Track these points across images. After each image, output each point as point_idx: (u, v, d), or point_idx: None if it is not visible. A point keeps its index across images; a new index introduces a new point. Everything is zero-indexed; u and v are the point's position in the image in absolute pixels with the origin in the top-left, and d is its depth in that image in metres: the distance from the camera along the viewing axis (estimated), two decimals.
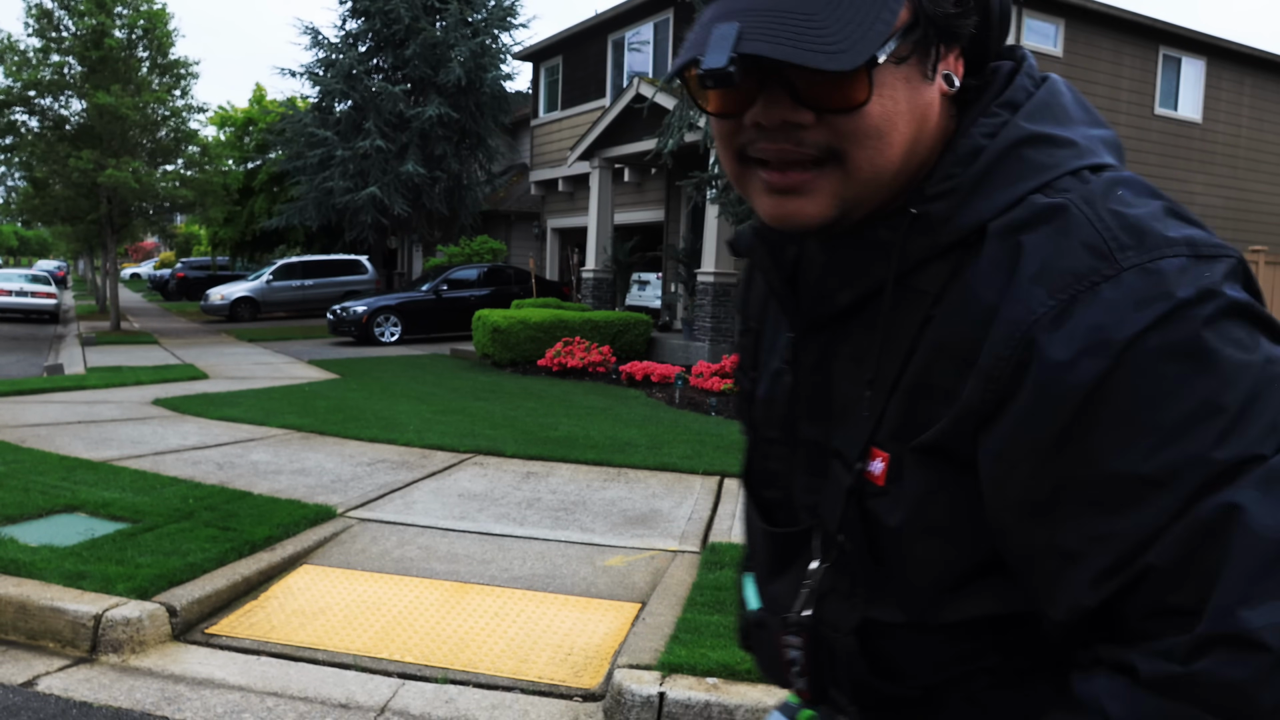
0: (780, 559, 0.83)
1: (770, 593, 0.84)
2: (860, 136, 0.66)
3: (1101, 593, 0.59)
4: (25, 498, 4.67)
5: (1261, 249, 11.34)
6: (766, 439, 0.85)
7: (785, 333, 0.83)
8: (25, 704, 2.86)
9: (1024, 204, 0.66)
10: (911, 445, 0.68)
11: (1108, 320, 0.58)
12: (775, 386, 0.84)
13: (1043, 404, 0.60)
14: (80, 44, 17.04)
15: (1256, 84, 17.93)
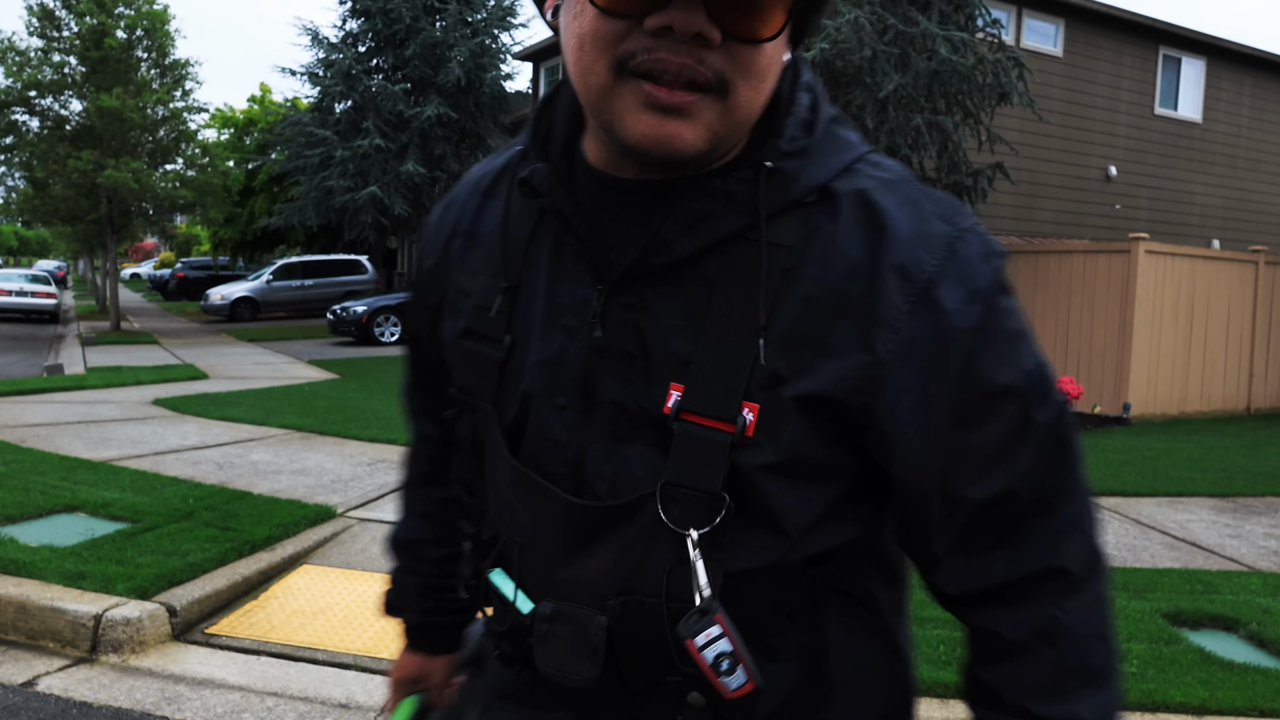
0: (582, 539, 0.73)
1: (568, 575, 0.74)
2: (751, 73, 0.67)
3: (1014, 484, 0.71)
4: (25, 498, 4.67)
5: (1261, 249, 11.33)
6: (555, 406, 0.75)
7: (580, 288, 0.75)
8: (25, 704, 2.87)
9: (858, 173, 0.73)
10: (792, 395, 0.69)
11: (972, 273, 0.71)
12: (567, 347, 0.75)
13: (946, 344, 0.69)
14: (81, 44, 17.06)
15: (1256, 84, 17.91)
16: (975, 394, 0.69)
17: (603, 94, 0.67)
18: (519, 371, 0.78)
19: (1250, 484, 6.50)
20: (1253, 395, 11.43)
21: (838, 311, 0.69)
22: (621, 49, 0.65)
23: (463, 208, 0.88)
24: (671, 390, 0.71)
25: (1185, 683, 2.96)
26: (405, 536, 1.06)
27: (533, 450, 0.78)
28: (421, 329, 0.93)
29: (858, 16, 9.35)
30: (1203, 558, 4.63)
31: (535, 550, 0.77)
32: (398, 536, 1.07)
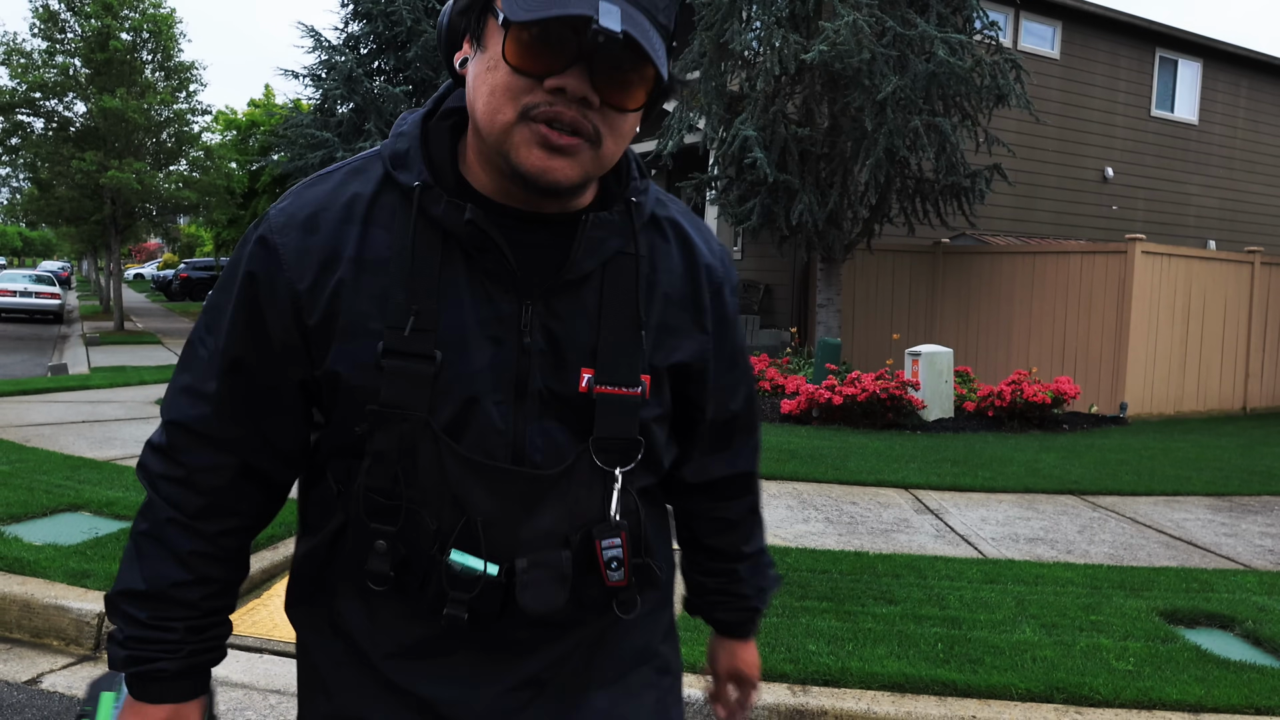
0: (534, 500, 0.93)
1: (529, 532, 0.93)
2: (617, 133, 0.88)
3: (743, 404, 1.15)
4: (29, 497, 4.70)
5: (1257, 249, 11.36)
6: (495, 402, 0.91)
7: (504, 303, 0.92)
8: (29, 701, 2.89)
9: (662, 204, 1.04)
10: (665, 365, 1.00)
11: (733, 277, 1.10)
12: (498, 353, 0.92)
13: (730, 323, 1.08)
14: (86, 46, 17.08)
15: (1253, 86, 17.93)
16: (735, 351, 1.10)
17: (506, 131, 0.85)
18: (451, 380, 0.90)
19: (1246, 483, 6.53)
20: (1249, 395, 11.45)
21: (680, 306, 1.02)
22: (525, 100, 0.84)
23: (337, 234, 0.92)
24: (583, 373, 0.94)
25: (1182, 681, 2.98)
26: (158, 586, 0.96)
27: (476, 442, 0.92)
28: (273, 350, 0.94)
29: (856, 19, 9.37)
30: (1199, 556, 4.66)
31: (497, 522, 0.92)
32: (143, 589, 0.96)
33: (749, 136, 9.96)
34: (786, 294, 14.21)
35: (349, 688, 1.00)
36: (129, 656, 0.97)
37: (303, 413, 0.99)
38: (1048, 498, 5.92)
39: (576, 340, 0.94)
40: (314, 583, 1.02)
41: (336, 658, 1.01)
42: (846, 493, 5.85)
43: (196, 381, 0.96)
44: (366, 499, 0.92)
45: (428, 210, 0.90)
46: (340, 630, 1.00)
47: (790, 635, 3.25)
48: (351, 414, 0.92)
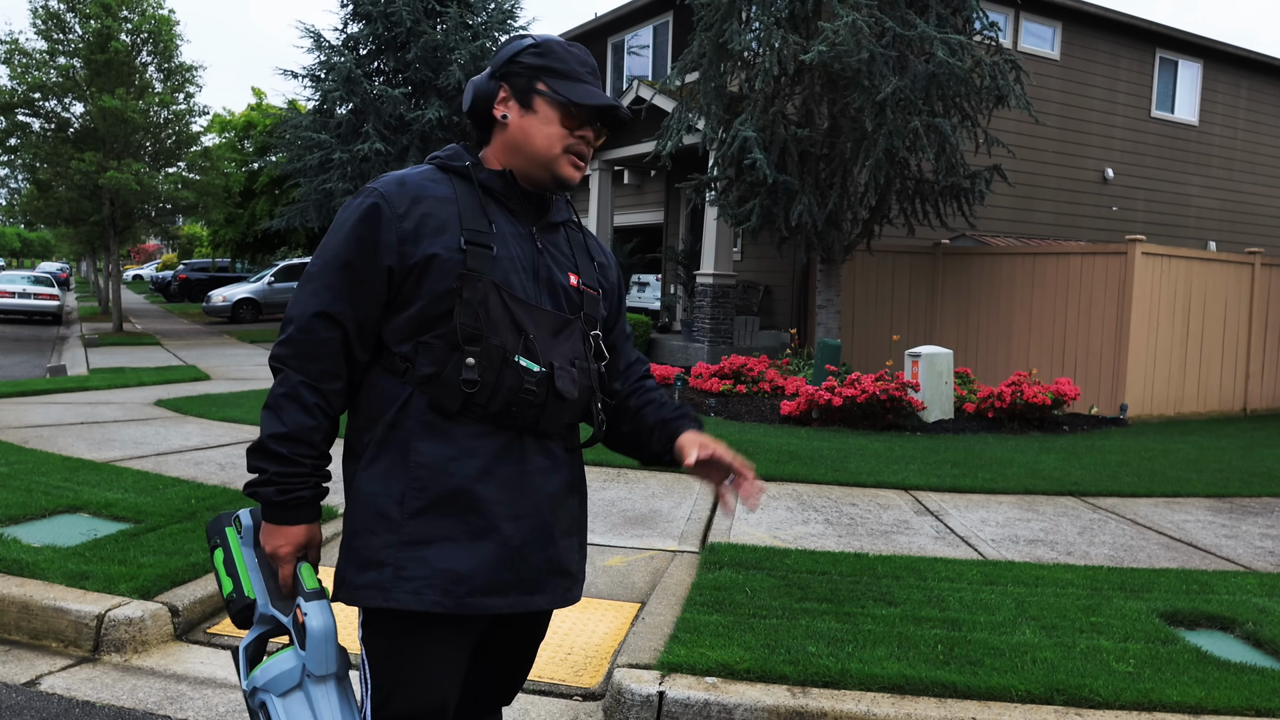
0: (557, 333, 1.58)
1: (556, 353, 1.56)
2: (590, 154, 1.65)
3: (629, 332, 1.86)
4: (28, 498, 4.69)
5: (1257, 250, 11.36)
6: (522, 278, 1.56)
7: (522, 227, 1.61)
8: (28, 703, 2.88)
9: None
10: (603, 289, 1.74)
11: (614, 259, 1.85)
12: (523, 251, 1.59)
13: (617, 281, 1.83)
14: (86, 47, 17.09)
15: (1253, 87, 17.94)
16: (620, 295, 1.83)
17: (555, 158, 1.59)
18: (501, 260, 1.55)
19: (1246, 484, 6.53)
20: (1249, 396, 11.45)
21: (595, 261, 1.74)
22: (568, 142, 1.59)
23: (419, 186, 1.55)
24: (570, 276, 1.64)
25: (1182, 682, 2.98)
26: (295, 429, 1.46)
27: (518, 294, 1.55)
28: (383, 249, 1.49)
29: (855, 19, 9.37)
30: (1199, 558, 4.66)
31: (540, 341, 1.55)
32: (286, 430, 1.46)
33: (748, 137, 9.95)
34: (786, 295, 14.20)
35: (411, 515, 1.48)
36: (278, 489, 1.46)
37: (383, 298, 1.50)
38: (1048, 499, 5.91)
39: (562, 257, 1.65)
40: (381, 445, 1.51)
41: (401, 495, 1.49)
42: (846, 494, 5.84)
43: (319, 283, 1.50)
44: (462, 331, 1.47)
45: (476, 175, 1.59)
46: (409, 468, 1.49)
47: (790, 637, 3.24)
48: (444, 279, 1.48)
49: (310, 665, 1.45)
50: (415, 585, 1.46)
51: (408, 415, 1.48)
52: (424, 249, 1.49)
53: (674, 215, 16.39)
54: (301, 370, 1.47)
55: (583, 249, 1.70)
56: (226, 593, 1.53)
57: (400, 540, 1.46)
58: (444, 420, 1.48)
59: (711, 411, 9.27)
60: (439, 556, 1.46)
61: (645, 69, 16.70)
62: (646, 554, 4.40)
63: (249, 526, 1.56)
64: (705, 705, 2.81)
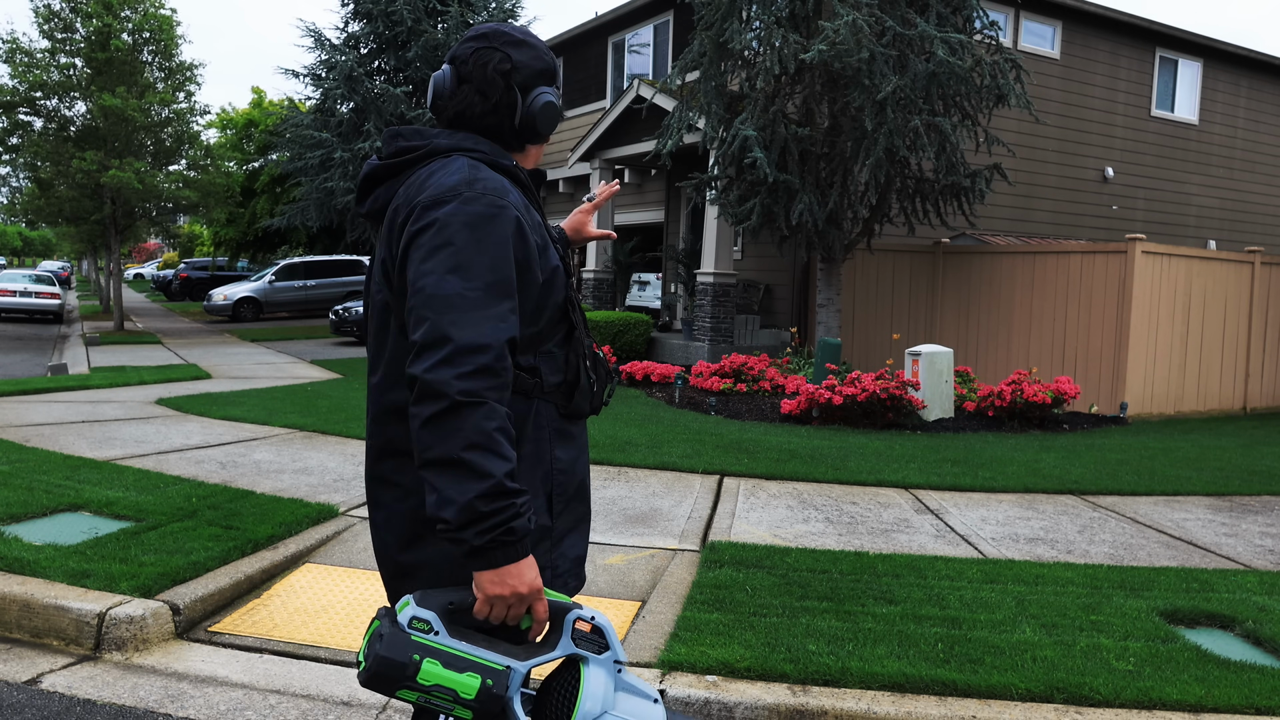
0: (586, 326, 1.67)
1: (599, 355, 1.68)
2: None
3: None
4: (30, 496, 4.70)
5: (1257, 250, 11.35)
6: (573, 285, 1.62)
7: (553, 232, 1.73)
8: (29, 701, 2.89)
9: None
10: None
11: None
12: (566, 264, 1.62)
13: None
14: (87, 46, 17.09)
15: (1253, 86, 17.93)
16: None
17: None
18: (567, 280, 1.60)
19: (1246, 483, 6.53)
20: (1249, 395, 11.45)
21: None
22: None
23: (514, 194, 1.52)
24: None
25: (1182, 681, 2.98)
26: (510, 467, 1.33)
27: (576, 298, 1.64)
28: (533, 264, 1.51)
29: (855, 19, 9.37)
30: (1199, 556, 4.66)
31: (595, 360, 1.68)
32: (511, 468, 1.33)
33: (749, 136, 9.95)
34: (786, 294, 14.20)
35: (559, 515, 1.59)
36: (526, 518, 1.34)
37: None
38: (1048, 498, 5.91)
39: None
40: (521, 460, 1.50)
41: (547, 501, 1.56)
42: (846, 493, 5.85)
43: (501, 307, 1.38)
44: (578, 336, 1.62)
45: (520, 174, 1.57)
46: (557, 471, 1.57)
47: (790, 635, 3.24)
48: (560, 290, 1.54)
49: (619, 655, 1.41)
50: (564, 579, 1.57)
51: (539, 426, 1.53)
52: (549, 260, 1.53)
53: (674, 214, 16.39)
54: (502, 402, 1.35)
55: None
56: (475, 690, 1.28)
57: (552, 544, 1.55)
58: (569, 423, 1.58)
59: (712, 410, 9.27)
60: (571, 546, 1.60)
61: (646, 68, 16.70)
62: (647, 552, 4.40)
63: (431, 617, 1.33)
64: (706, 703, 2.81)
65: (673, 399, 9.96)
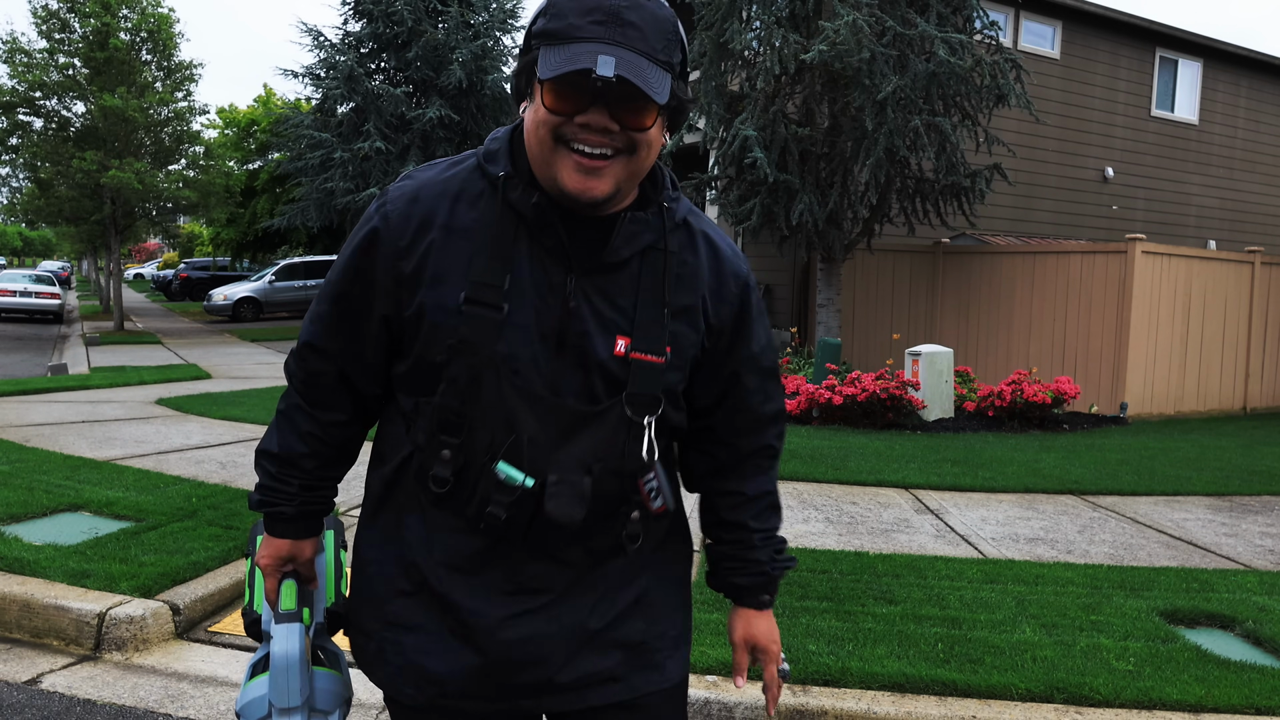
0: (571, 431, 1.18)
1: (563, 458, 1.18)
2: (640, 147, 1.13)
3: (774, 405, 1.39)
4: (29, 497, 4.70)
5: (1258, 249, 11.35)
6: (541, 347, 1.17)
7: (555, 273, 1.18)
8: (29, 701, 2.89)
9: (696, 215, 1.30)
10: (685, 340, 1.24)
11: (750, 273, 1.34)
12: (546, 310, 1.17)
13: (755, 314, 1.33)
14: (86, 45, 17.09)
15: (1253, 86, 17.93)
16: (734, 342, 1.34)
17: (547, 154, 1.12)
18: (512, 326, 1.16)
19: (1246, 483, 6.53)
20: (1249, 395, 11.45)
21: (704, 294, 1.26)
22: (560, 131, 1.10)
23: (432, 206, 1.20)
24: (619, 340, 1.19)
25: (1182, 680, 2.98)
26: (284, 451, 1.32)
27: (525, 377, 1.17)
28: (379, 290, 1.22)
29: (856, 19, 9.37)
30: (1199, 556, 4.66)
31: (538, 442, 1.17)
32: (275, 451, 1.32)
33: (749, 136, 9.95)
34: (786, 294, 14.20)
35: (397, 593, 1.27)
36: (259, 500, 1.34)
37: (382, 341, 1.25)
38: (1048, 498, 5.91)
39: (614, 313, 1.19)
40: (380, 501, 1.29)
41: (390, 568, 1.27)
42: (846, 492, 5.84)
43: (316, 311, 1.30)
44: (439, 415, 1.17)
45: (507, 195, 1.17)
46: (399, 540, 1.26)
47: (790, 635, 3.24)
48: (432, 346, 1.18)
49: (272, 695, 1.28)
50: (390, 672, 1.27)
51: (407, 475, 1.25)
52: (419, 299, 1.18)
53: None
54: (302, 394, 1.32)
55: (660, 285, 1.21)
56: (244, 604, 1.42)
57: (384, 618, 1.27)
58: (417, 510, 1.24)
59: None
60: (414, 648, 1.25)
61: None
62: None
63: None
64: (706, 704, 2.81)
65: None
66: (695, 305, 1.24)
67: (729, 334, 1.29)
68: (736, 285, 1.29)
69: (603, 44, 1.06)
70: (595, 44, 1.06)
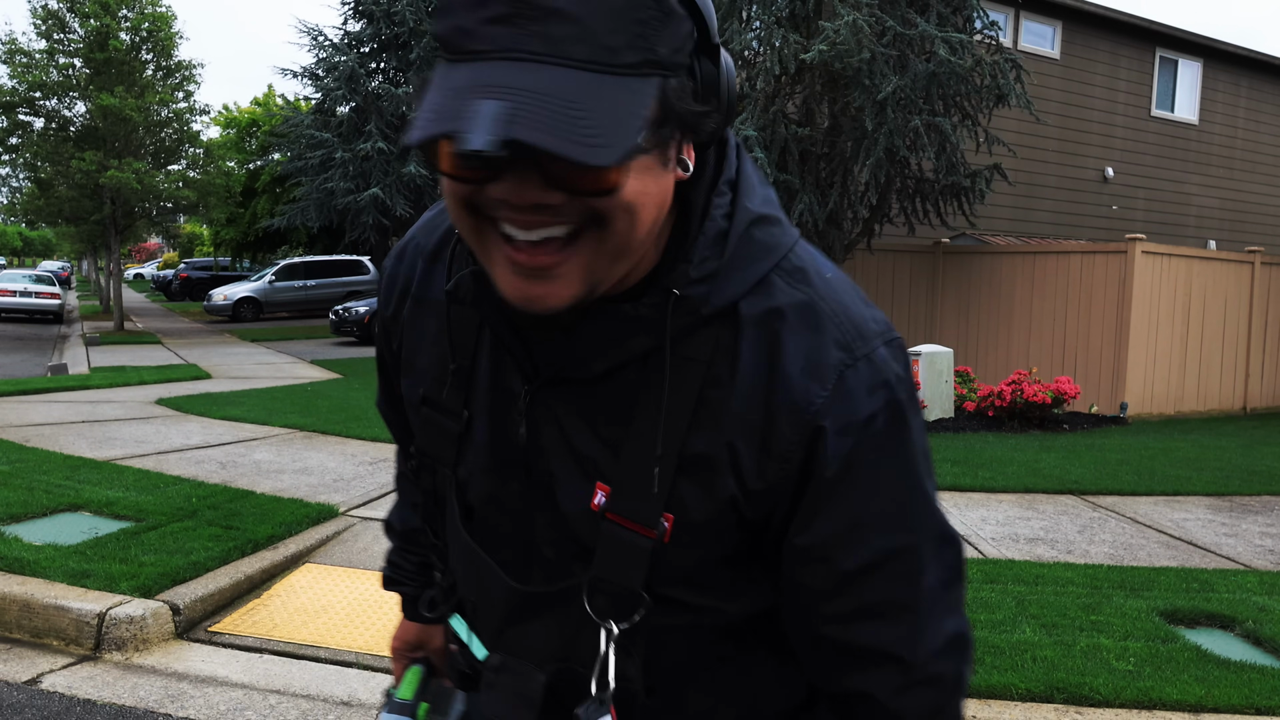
0: (523, 612, 0.82)
1: (513, 637, 0.83)
2: (616, 211, 0.64)
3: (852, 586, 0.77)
4: (30, 497, 4.70)
5: (1257, 250, 11.35)
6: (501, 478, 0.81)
7: (514, 381, 0.79)
8: (29, 701, 2.89)
9: (770, 288, 0.74)
10: (697, 509, 0.74)
11: (854, 405, 0.72)
12: (505, 430, 0.80)
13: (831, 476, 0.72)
14: (86, 46, 17.10)
15: (1253, 86, 17.93)
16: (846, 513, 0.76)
17: (475, 240, 0.68)
18: (473, 443, 0.83)
19: (1246, 483, 6.52)
20: (1249, 395, 11.45)
21: (738, 437, 0.73)
22: (473, 200, 0.65)
23: (411, 266, 0.89)
24: (598, 489, 0.76)
25: (1182, 681, 2.98)
26: (399, 525, 1.13)
27: (485, 514, 0.83)
28: (388, 359, 0.98)
29: (856, 19, 9.37)
30: (1199, 556, 4.66)
31: (484, 610, 0.86)
32: (392, 523, 1.15)
33: (749, 136, 9.95)
34: None
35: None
36: (385, 578, 1.16)
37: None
38: (1048, 498, 5.91)
39: (584, 449, 0.76)
40: None
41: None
42: None
43: None
44: (430, 532, 0.95)
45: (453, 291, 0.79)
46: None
47: None
48: (418, 430, 0.89)
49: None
50: None
51: None
52: (404, 384, 0.92)
53: None
54: (399, 458, 1.13)
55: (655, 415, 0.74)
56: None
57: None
58: None
59: None
60: None
61: None
62: None
63: None
64: None
65: None
66: (718, 455, 0.73)
67: (784, 507, 0.75)
68: (797, 429, 0.72)
69: (499, 62, 0.59)
70: (485, 66, 0.60)
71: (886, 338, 0.75)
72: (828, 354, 0.72)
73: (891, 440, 0.74)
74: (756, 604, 0.81)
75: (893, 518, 0.76)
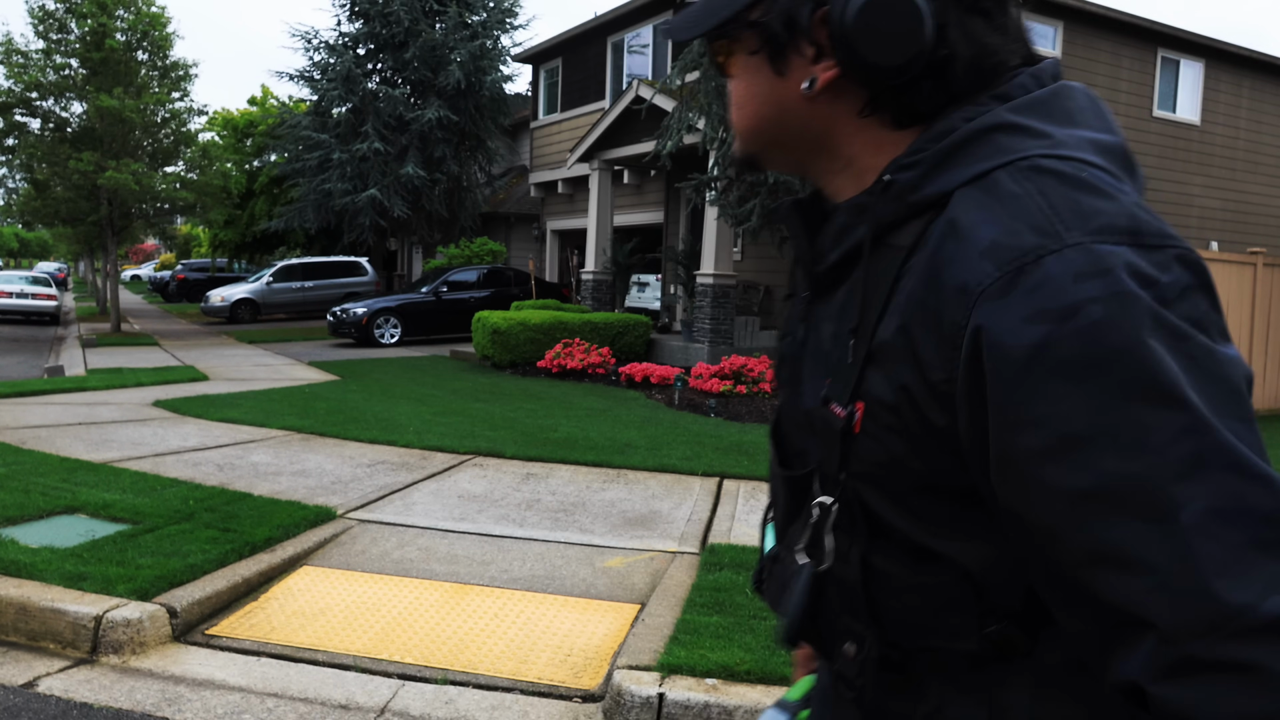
0: (795, 501, 0.84)
1: (789, 534, 0.85)
2: (730, 93, 0.85)
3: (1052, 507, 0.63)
4: (26, 499, 4.68)
5: (1260, 250, 11.35)
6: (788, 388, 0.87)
7: (803, 294, 0.87)
8: (26, 705, 2.87)
9: (991, 183, 0.69)
10: (879, 396, 0.71)
11: (1049, 291, 0.61)
12: (788, 343, 0.89)
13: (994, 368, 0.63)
14: (82, 46, 17.09)
15: (1255, 86, 17.95)
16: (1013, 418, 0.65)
17: None
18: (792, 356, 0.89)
19: None
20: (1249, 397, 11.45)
21: (914, 321, 0.69)
22: None
23: None
24: (825, 383, 0.79)
25: None
26: None
27: (784, 424, 0.89)
28: None
29: None
30: None
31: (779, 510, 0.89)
32: None
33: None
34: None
35: None
36: None
37: None
38: None
39: (832, 343, 0.80)
40: None
41: None
42: None
43: None
44: None
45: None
46: None
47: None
48: None
49: None
50: None
51: None
52: None
53: (674, 215, 16.38)
54: None
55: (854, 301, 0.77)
56: None
57: None
58: None
59: (711, 412, 9.25)
60: None
61: (645, 68, 16.69)
62: (646, 555, 4.38)
63: None
64: (705, 707, 2.79)
65: (672, 401, 9.94)
66: (898, 341, 0.70)
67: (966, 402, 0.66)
68: (960, 310, 0.65)
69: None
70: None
71: (1145, 241, 0.63)
72: (1018, 238, 0.64)
73: (1115, 334, 0.60)
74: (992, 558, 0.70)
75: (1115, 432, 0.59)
